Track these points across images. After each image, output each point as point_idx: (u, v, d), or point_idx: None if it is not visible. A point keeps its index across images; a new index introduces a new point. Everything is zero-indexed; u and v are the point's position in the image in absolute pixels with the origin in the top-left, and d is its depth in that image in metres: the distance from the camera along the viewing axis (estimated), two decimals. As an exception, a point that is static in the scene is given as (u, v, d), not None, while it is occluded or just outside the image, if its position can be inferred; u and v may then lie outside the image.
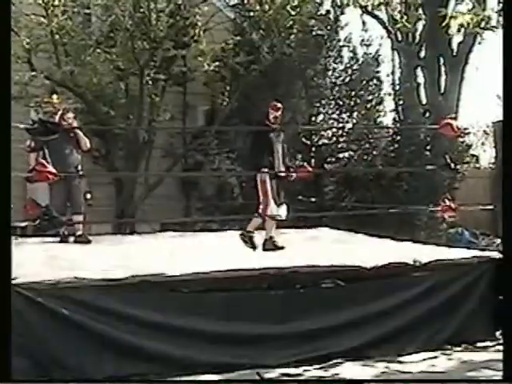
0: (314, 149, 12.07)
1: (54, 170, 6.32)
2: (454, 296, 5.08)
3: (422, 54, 14.28)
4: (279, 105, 6.16)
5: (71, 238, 7.01)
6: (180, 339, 4.37)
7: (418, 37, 14.21)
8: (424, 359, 4.69)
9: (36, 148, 7.08)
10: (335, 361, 4.53)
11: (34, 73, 9.98)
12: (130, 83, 10.24)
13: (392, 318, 4.86)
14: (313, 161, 11.71)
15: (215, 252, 5.82)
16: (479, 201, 7.86)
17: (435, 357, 4.75)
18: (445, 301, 5.03)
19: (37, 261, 4.99)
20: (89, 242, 6.93)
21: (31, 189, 8.82)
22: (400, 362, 4.61)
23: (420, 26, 13.85)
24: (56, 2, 10.02)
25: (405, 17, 11.32)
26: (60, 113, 7.28)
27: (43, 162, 6.67)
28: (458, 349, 4.92)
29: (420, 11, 12.53)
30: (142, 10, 10.09)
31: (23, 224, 6.64)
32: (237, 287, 4.59)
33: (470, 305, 5.12)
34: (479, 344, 5.01)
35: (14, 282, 4.15)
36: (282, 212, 6.00)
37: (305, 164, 7.56)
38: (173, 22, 10.44)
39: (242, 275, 4.65)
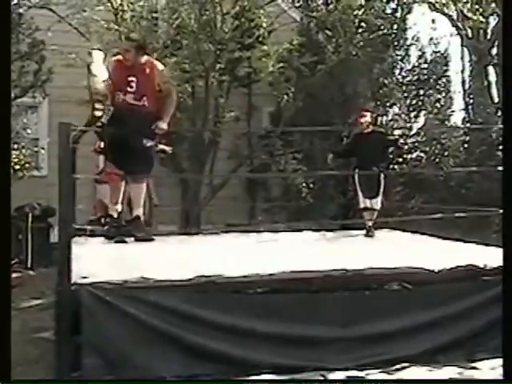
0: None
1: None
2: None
3: (494, 51, 13.80)
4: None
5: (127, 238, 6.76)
6: (244, 340, 4.37)
7: (489, 33, 13.74)
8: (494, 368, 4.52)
9: (105, 150, 7.20)
10: (401, 365, 4.44)
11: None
12: (196, 85, 10.35)
13: (461, 323, 4.71)
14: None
15: (280, 253, 5.81)
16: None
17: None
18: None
19: (103, 260, 5.10)
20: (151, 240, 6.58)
21: (100, 189, 9.04)
22: (469, 368, 4.48)
23: (492, 21, 13.36)
24: (125, 8, 10.27)
25: (476, 12, 11.00)
26: None
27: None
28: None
29: (493, 5, 12.11)
30: (207, 12, 10.22)
31: (92, 227, 6.76)
32: (301, 289, 4.56)
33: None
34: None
35: (83, 281, 4.26)
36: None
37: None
38: (238, 23, 10.54)
39: (307, 277, 4.62)
